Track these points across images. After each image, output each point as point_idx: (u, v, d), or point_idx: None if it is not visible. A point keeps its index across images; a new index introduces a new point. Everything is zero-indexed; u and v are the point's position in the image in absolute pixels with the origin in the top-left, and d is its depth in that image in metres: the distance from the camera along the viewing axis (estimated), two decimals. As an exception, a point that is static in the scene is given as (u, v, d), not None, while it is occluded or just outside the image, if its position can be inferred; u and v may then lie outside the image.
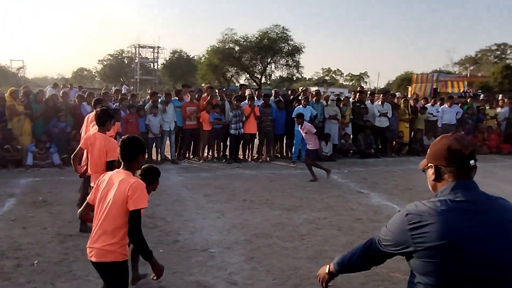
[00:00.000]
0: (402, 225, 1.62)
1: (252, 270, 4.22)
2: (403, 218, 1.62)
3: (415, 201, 1.66)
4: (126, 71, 57.13)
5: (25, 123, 9.02)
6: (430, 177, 1.71)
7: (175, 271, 4.14)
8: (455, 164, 1.62)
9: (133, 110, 9.25)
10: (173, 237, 5.07)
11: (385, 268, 4.35)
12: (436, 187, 1.69)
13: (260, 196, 6.86)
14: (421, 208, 1.59)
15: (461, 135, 1.68)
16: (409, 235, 1.58)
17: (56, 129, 9.06)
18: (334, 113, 10.79)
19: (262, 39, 36.76)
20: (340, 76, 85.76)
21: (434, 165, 1.68)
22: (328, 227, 5.62)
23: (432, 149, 1.72)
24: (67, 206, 6.15)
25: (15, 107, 8.89)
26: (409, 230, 1.58)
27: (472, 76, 38.30)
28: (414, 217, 1.59)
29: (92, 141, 4.51)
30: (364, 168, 9.86)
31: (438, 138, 1.73)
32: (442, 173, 1.65)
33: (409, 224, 1.59)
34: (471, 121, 12.45)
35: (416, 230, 1.56)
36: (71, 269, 4.14)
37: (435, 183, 1.69)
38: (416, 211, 1.60)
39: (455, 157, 1.61)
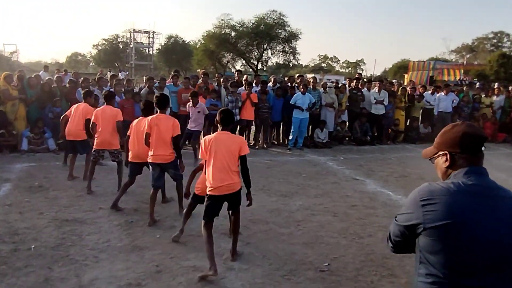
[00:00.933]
0: (415, 201, 1.67)
1: (249, 255, 4.27)
2: (416, 194, 1.68)
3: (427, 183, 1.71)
4: (121, 56, 56.62)
5: (20, 108, 8.96)
6: (442, 165, 1.74)
7: (172, 256, 4.18)
8: (469, 151, 1.67)
9: (129, 95, 9.20)
10: (170, 223, 5.10)
11: (380, 254, 4.41)
12: (448, 174, 1.73)
13: (257, 182, 6.88)
14: (435, 187, 1.65)
15: (471, 123, 1.74)
16: (421, 211, 1.63)
17: (51, 114, 9.01)
18: (331, 101, 10.80)
19: (259, 24, 36.46)
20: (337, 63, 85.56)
21: (448, 152, 1.71)
22: (324, 213, 5.66)
23: (443, 137, 1.75)
24: (63, 192, 6.16)
25: (9, 91, 8.81)
26: (421, 206, 1.63)
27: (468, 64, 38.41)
28: (426, 194, 1.64)
29: (156, 122, 5.01)
30: (360, 155, 9.91)
31: (449, 126, 1.77)
32: (456, 160, 1.70)
33: (422, 200, 1.64)
34: (467, 109, 12.50)
35: (428, 206, 1.61)
36: (68, 253, 4.16)
37: (446, 170, 1.73)
38: (429, 189, 1.66)
39: (469, 143, 1.67)
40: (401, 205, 6.12)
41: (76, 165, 6.95)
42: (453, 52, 59.78)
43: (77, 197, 5.94)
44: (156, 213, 5.37)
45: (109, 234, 4.68)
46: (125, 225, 4.97)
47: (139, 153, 5.32)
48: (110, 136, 6.10)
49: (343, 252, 4.45)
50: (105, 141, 6.11)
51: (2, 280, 3.61)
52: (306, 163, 8.81)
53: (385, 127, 11.73)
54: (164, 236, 4.67)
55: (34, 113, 9.14)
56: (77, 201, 5.77)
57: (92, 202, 5.74)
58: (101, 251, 4.24)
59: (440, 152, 1.75)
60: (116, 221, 5.09)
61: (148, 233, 4.76)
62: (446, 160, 1.72)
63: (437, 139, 1.79)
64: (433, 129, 12.02)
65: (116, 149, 6.26)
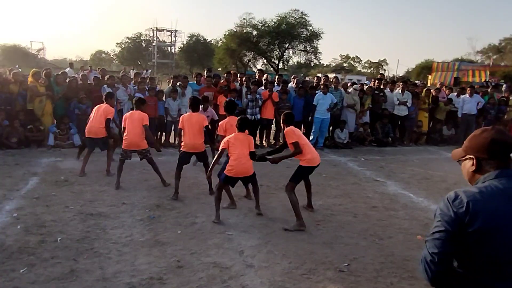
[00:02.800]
0: (448, 207, 1.64)
1: (268, 253, 4.31)
2: (451, 203, 1.65)
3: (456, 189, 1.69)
4: (144, 54, 57.52)
5: (47, 104, 9.21)
6: (469, 168, 1.75)
7: (192, 252, 4.25)
8: (497, 157, 1.67)
9: (152, 93, 9.34)
10: (191, 219, 5.18)
11: (400, 256, 4.40)
12: (475, 178, 1.73)
13: (277, 181, 6.92)
14: (467, 193, 1.63)
15: (501, 129, 1.73)
16: (459, 219, 1.60)
17: (77, 110, 9.22)
18: (353, 102, 10.70)
19: (280, 24, 36.46)
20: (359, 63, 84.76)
21: (475, 157, 1.71)
22: (344, 214, 5.66)
23: (472, 141, 1.75)
24: (88, 186, 6.33)
25: (37, 88, 9.07)
26: (455, 213, 1.61)
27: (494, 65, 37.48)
28: (459, 200, 1.62)
29: (188, 118, 6.06)
30: (381, 157, 9.83)
31: (478, 131, 1.76)
32: (482, 165, 1.70)
33: (459, 208, 1.61)
34: (493, 112, 12.20)
35: (461, 212, 1.60)
36: (93, 246, 4.28)
37: (474, 174, 1.73)
38: (461, 195, 1.63)
39: (497, 150, 1.67)
40: (422, 207, 6.09)
41: (94, 162, 7.11)
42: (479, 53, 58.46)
43: (101, 192, 6.09)
44: (177, 209, 5.48)
45: (132, 229, 4.79)
46: (147, 221, 5.07)
47: (190, 144, 6.04)
48: (138, 138, 6.39)
49: (363, 253, 4.44)
50: (133, 143, 6.39)
51: (31, 270, 3.75)
52: (326, 163, 8.77)
53: (407, 129, 11.58)
54: (185, 232, 4.75)
55: (60, 109, 9.39)
56: (101, 196, 5.91)
57: (115, 197, 5.88)
58: (124, 245, 4.35)
59: (468, 156, 1.75)
60: (139, 216, 5.20)
61: (169, 229, 4.85)
62: (473, 165, 1.73)
63: (466, 142, 1.79)
64: (457, 131, 11.81)
65: (144, 148, 6.50)
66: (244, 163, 5.12)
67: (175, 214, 5.32)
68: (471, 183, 1.76)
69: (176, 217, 5.22)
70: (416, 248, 4.59)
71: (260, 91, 10.00)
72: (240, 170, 5.12)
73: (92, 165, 7.41)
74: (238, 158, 5.06)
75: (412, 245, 4.70)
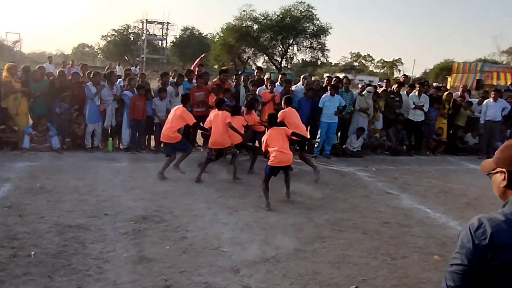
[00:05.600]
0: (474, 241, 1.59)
1: (266, 273, 4.29)
2: (473, 233, 1.60)
3: (481, 214, 1.65)
4: (132, 49, 57.58)
5: (22, 102, 9.17)
6: (500, 183, 1.72)
7: (182, 270, 4.23)
8: None
9: (142, 92, 9.34)
10: (181, 233, 5.16)
11: (415, 278, 4.38)
12: (506, 194, 1.70)
13: (278, 192, 6.90)
14: (492, 222, 1.58)
15: None
16: (481, 251, 1.56)
17: (58, 110, 9.14)
18: (366, 106, 10.70)
19: (284, 17, 36.62)
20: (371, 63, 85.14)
21: (506, 171, 1.69)
22: (352, 230, 5.65)
23: (504, 153, 1.73)
24: (67, 194, 6.31)
25: (11, 83, 9.02)
26: (482, 246, 1.56)
27: (521, 67, 37.54)
28: (484, 232, 1.57)
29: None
30: (395, 167, 9.83)
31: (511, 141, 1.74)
32: None
33: (482, 240, 1.57)
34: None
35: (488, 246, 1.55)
36: (70, 262, 4.25)
37: (505, 189, 1.70)
38: (486, 225, 1.58)
39: None
40: (440, 224, 6.09)
41: (74, 169, 7.08)
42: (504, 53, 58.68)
43: (81, 201, 6.07)
44: (165, 222, 5.47)
45: (115, 243, 4.77)
46: (132, 234, 5.05)
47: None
48: (221, 137, 7.53)
49: (373, 274, 4.42)
50: (217, 141, 7.53)
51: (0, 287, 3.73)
52: (333, 173, 8.79)
53: (425, 136, 11.57)
54: (174, 248, 4.73)
55: (38, 109, 9.34)
56: (81, 206, 5.89)
57: (97, 207, 5.86)
58: (106, 261, 4.32)
59: (499, 169, 1.73)
60: (123, 229, 5.18)
61: (157, 243, 4.83)
62: (504, 179, 1.70)
63: (497, 153, 1.76)
64: (479, 139, 11.82)
65: (229, 146, 7.66)
66: (286, 153, 6.47)
67: (163, 227, 5.30)
68: (502, 199, 1.74)
69: (165, 231, 5.20)
70: (433, 269, 4.58)
71: (261, 91, 10.00)
72: (283, 159, 6.44)
73: (73, 171, 7.40)
74: (279, 149, 6.37)
75: (428, 266, 4.68)
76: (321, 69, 57.68)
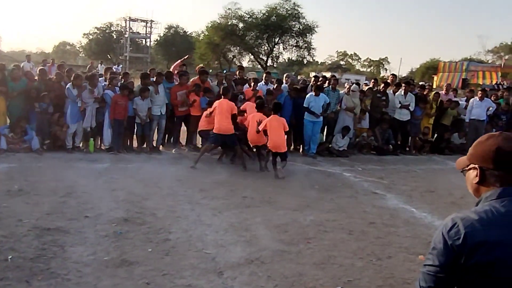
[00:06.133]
0: (446, 241, 1.59)
1: (251, 275, 4.28)
2: (446, 234, 1.60)
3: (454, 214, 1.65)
4: (115, 47, 57.17)
5: (0, 102, 9.03)
6: (473, 180, 1.71)
7: (164, 273, 4.20)
8: (503, 168, 1.62)
9: (125, 92, 9.25)
10: (164, 235, 5.13)
11: (400, 278, 4.42)
12: (479, 191, 1.70)
13: (262, 193, 6.91)
14: (466, 221, 1.58)
15: (510, 135, 1.67)
16: (454, 252, 1.56)
17: (38, 109, 9.00)
18: (352, 105, 10.76)
19: (270, 15, 36.71)
20: (357, 62, 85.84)
21: (478, 167, 1.68)
22: (338, 231, 5.67)
23: (476, 148, 1.72)
24: (46, 196, 6.22)
25: (-13, 83, 8.88)
26: (455, 246, 1.56)
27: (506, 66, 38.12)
28: (458, 232, 1.57)
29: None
30: (381, 166, 9.90)
31: (484, 137, 1.72)
32: (487, 176, 1.66)
33: (455, 240, 1.56)
34: (505, 118, 12.38)
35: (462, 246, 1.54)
36: (49, 266, 4.20)
37: (478, 186, 1.70)
38: (459, 225, 1.58)
39: (504, 160, 1.62)
40: (426, 223, 6.14)
41: (53, 170, 6.99)
42: (489, 52, 59.67)
43: (61, 204, 5.99)
44: (147, 224, 5.43)
45: (95, 246, 4.72)
46: (113, 237, 5.00)
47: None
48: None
49: (359, 275, 4.44)
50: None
51: (-25, 293, 3.66)
52: (319, 174, 8.82)
53: (411, 135, 11.68)
54: (157, 250, 4.70)
55: (16, 110, 9.15)
56: (60, 208, 5.82)
57: (77, 210, 5.79)
58: (86, 265, 4.27)
59: (472, 165, 1.71)
60: (103, 231, 5.13)
61: (138, 246, 4.79)
62: (477, 176, 1.69)
63: (470, 149, 1.75)
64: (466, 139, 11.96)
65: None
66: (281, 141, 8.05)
67: (145, 230, 5.26)
68: (475, 196, 1.73)
69: (147, 233, 5.16)
70: (418, 269, 4.57)
71: (244, 90, 10.03)
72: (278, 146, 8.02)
73: (53, 173, 7.30)
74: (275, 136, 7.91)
75: (414, 266, 4.72)
76: (307, 68, 57.97)
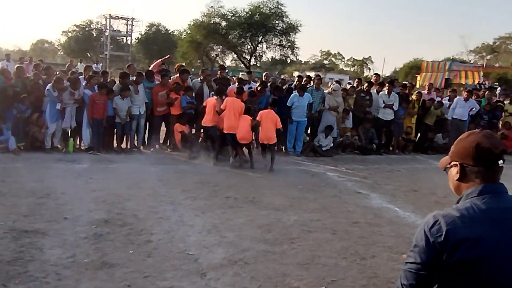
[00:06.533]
0: (428, 239, 1.60)
1: (234, 276, 4.27)
2: (428, 231, 1.61)
3: (436, 211, 1.67)
4: (95, 45, 56.57)
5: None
6: (454, 177, 1.73)
7: (146, 275, 4.17)
8: (483, 164, 1.65)
9: (103, 91, 9.14)
10: (145, 237, 5.09)
11: (384, 277, 4.45)
12: (460, 188, 1.72)
13: (246, 193, 6.91)
14: (447, 218, 1.60)
15: (490, 133, 1.71)
16: (436, 249, 1.58)
17: (15, 111, 8.85)
18: (336, 104, 10.81)
19: (253, 14, 36.64)
20: (341, 61, 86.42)
21: (459, 164, 1.71)
22: (322, 230, 5.69)
23: (457, 146, 1.75)
24: (23, 198, 6.12)
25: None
26: (437, 244, 1.58)
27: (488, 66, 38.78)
28: (440, 229, 1.59)
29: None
30: (364, 166, 9.98)
31: (465, 134, 1.76)
32: (467, 173, 1.69)
33: (437, 237, 1.58)
34: (487, 117, 12.58)
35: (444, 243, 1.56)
36: (27, 269, 4.13)
37: (459, 183, 1.73)
38: (441, 222, 1.60)
39: (483, 156, 1.64)
40: (409, 223, 6.21)
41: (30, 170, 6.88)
42: (472, 52, 60.62)
43: (39, 205, 5.90)
44: (129, 225, 5.38)
45: (75, 248, 4.66)
46: (93, 239, 4.94)
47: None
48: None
49: (343, 275, 4.47)
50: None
51: (-51, 298, 3.58)
52: (302, 173, 8.85)
53: (394, 135, 11.80)
54: (138, 252, 4.66)
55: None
56: (38, 210, 5.73)
57: (56, 211, 5.71)
58: (65, 268, 4.21)
59: (453, 163, 1.74)
60: (83, 233, 5.07)
61: (119, 248, 4.75)
62: (457, 172, 1.71)
63: (452, 147, 1.78)
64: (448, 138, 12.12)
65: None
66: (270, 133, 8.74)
67: (126, 231, 5.21)
68: (457, 194, 1.76)
69: (128, 234, 5.11)
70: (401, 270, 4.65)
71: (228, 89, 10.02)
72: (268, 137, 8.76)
73: (30, 174, 7.19)
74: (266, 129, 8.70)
75: (398, 265, 4.75)
76: (291, 68, 58.15)
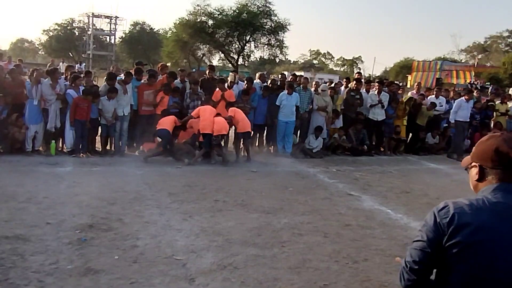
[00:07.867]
0: (436, 219, 1.76)
1: (224, 281, 4.26)
2: (437, 212, 1.78)
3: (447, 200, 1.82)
4: (77, 45, 56.28)
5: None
6: (473, 177, 1.87)
7: (132, 281, 4.14)
8: (501, 167, 1.78)
9: (89, 97, 9.04)
10: (131, 242, 5.05)
11: (377, 281, 4.47)
12: (478, 188, 1.86)
13: (235, 196, 6.90)
14: (456, 205, 1.75)
15: (509, 136, 1.83)
16: (441, 229, 1.73)
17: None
18: (324, 104, 10.86)
19: (241, 12, 36.62)
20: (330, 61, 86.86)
21: (478, 165, 1.84)
22: (313, 233, 5.70)
23: (478, 148, 1.88)
24: (3, 202, 6.05)
25: None
26: (442, 224, 1.73)
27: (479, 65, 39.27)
28: (447, 211, 1.75)
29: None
30: (355, 167, 10.03)
31: (485, 137, 1.89)
32: (486, 174, 1.82)
33: (443, 218, 1.74)
34: (478, 117, 12.70)
35: (448, 224, 1.72)
36: (8, 276, 4.08)
37: (477, 183, 1.86)
38: (449, 206, 1.76)
39: (502, 159, 1.77)
40: (402, 225, 6.25)
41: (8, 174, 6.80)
42: (463, 52, 61.35)
43: (20, 210, 5.84)
44: (114, 230, 5.34)
45: (58, 254, 4.61)
46: (77, 244, 4.90)
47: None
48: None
49: (334, 279, 4.48)
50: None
51: None
52: (293, 175, 8.86)
53: (385, 135, 11.87)
54: (124, 258, 4.63)
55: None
56: (19, 215, 5.67)
57: (37, 216, 5.65)
58: (48, 274, 4.17)
59: (473, 164, 1.88)
60: (67, 238, 5.02)
61: (104, 253, 4.71)
62: (477, 173, 1.85)
63: (474, 148, 1.92)
64: (444, 138, 12.22)
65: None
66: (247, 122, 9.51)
67: (111, 236, 5.17)
68: (475, 192, 1.89)
69: (113, 239, 5.08)
70: (395, 271, 4.65)
71: None
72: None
73: (9, 177, 7.12)
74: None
75: (390, 268, 4.78)
76: (280, 67, 58.22)
